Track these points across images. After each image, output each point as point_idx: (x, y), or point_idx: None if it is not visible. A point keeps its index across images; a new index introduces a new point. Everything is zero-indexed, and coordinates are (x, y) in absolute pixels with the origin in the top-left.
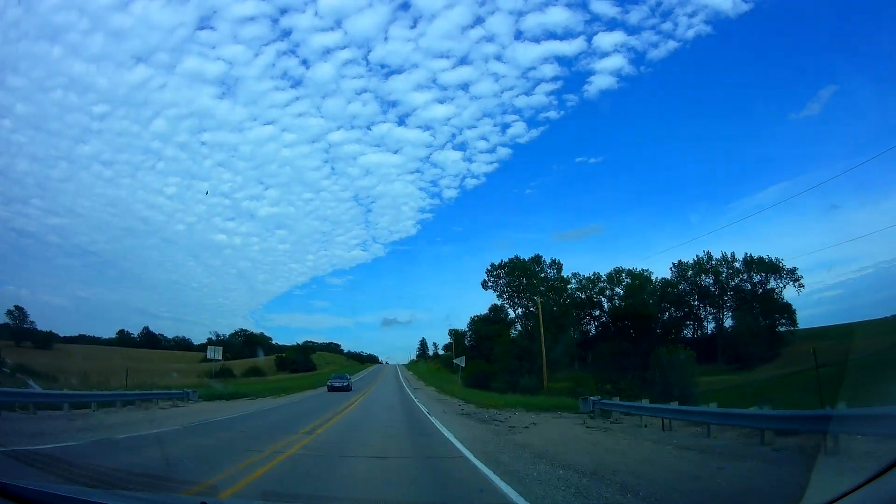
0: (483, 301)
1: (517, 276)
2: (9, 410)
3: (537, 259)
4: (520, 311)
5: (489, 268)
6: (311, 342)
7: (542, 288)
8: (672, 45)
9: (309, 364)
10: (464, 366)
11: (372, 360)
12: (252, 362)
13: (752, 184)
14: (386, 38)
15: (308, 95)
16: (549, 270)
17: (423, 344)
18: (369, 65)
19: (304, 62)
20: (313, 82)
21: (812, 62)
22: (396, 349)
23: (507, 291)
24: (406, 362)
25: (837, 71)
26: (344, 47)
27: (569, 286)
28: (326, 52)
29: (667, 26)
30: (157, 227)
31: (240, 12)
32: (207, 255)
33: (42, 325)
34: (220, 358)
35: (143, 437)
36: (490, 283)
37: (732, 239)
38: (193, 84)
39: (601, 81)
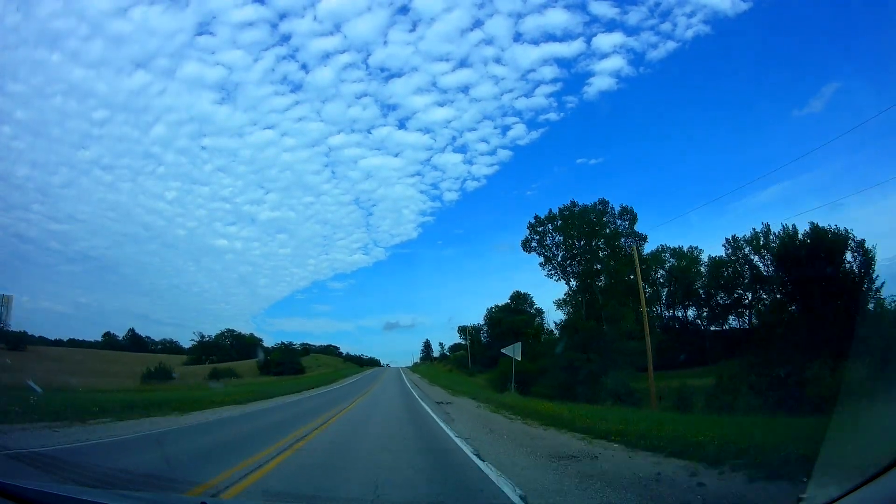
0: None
1: (574, 234)
2: None
3: (602, 207)
4: (574, 283)
5: (532, 221)
6: (307, 345)
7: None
8: (671, 45)
9: (296, 366)
10: (519, 358)
11: (373, 363)
12: (235, 364)
13: (754, 183)
14: (385, 42)
15: (308, 100)
16: (619, 222)
17: (428, 345)
18: (369, 68)
19: (304, 66)
20: (313, 86)
21: (812, 60)
22: (399, 353)
23: (557, 255)
24: (409, 365)
25: (838, 68)
26: (343, 51)
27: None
28: (326, 56)
29: (666, 27)
30: (158, 233)
31: (239, 17)
32: (209, 260)
33: (42, 332)
34: None
35: None
36: (534, 244)
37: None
38: (193, 89)
39: (601, 83)
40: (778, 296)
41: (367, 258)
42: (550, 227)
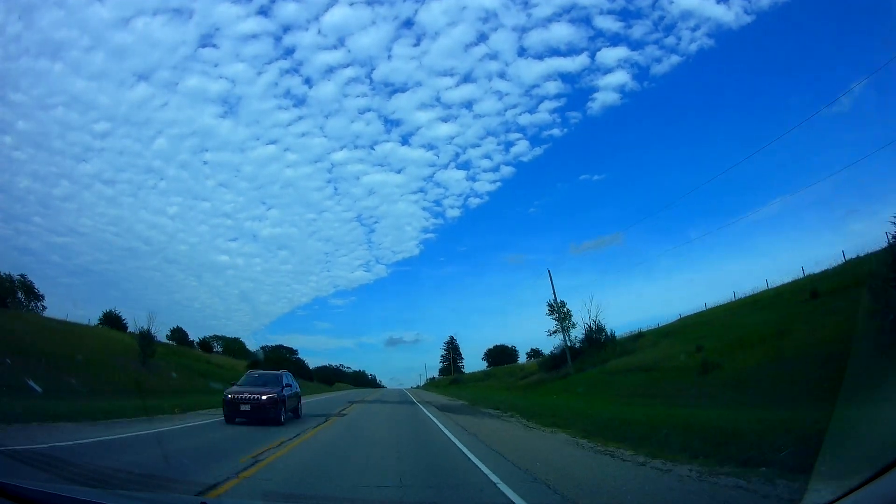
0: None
1: None
2: None
3: None
4: None
5: None
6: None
7: None
8: (675, 59)
9: None
10: None
11: (371, 383)
12: None
13: (758, 195)
14: (389, 57)
15: (311, 115)
16: None
17: (452, 347)
18: (372, 83)
19: (307, 81)
20: (316, 101)
21: (816, 72)
22: (399, 371)
23: None
24: (421, 384)
25: (843, 80)
26: (347, 66)
27: None
28: (329, 70)
29: (670, 40)
30: (159, 248)
31: (242, 30)
32: (210, 276)
33: None
34: None
35: None
36: None
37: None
38: (195, 103)
39: (605, 97)
40: None
41: (369, 275)
42: None
